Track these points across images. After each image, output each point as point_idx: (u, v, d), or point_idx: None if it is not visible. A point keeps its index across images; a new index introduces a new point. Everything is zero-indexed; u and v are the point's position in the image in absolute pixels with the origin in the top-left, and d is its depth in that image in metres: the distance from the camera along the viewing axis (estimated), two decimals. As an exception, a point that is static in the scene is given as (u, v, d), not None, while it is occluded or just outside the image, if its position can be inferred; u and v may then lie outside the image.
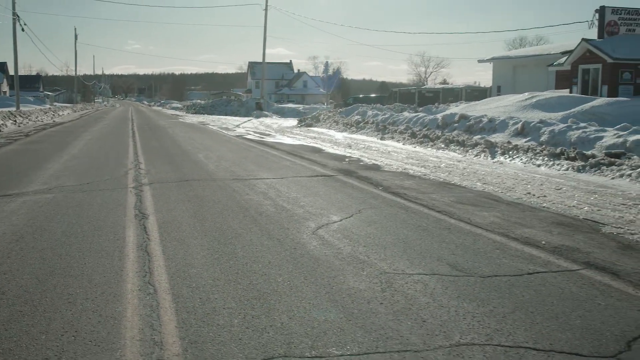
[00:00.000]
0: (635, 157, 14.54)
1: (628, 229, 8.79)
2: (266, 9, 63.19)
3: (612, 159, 14.33)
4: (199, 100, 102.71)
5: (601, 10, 31.77)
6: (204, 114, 63.58)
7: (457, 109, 31.61)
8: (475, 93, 57.50)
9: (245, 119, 51.37)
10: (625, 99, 26.78)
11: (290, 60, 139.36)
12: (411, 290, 5.91)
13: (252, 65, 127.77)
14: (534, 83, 42.17)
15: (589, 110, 24.53)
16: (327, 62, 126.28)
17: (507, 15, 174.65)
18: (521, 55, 52.18)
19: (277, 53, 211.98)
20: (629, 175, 13.17)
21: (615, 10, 31.70)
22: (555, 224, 9.19)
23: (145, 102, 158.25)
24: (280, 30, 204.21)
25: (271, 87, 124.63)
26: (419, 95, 58.17)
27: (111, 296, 5.68)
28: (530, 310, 5.41)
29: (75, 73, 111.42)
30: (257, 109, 61.51)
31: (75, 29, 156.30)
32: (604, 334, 4.91)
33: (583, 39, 31.71)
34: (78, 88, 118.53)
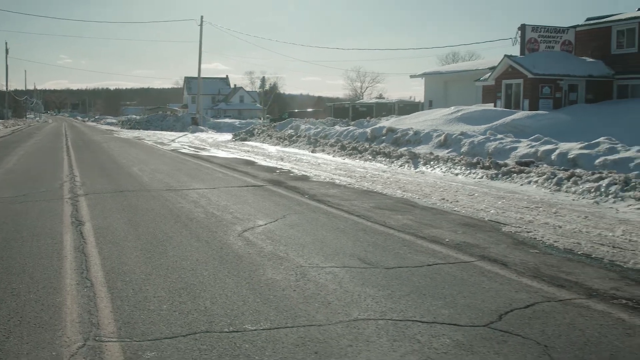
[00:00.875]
0: (543, 165, 15.71)
1: (525, 228, 9.77)
2: (201, 25, 63.71)
3: (522, 167, 15.47)
4: (134, 116, 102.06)
5: (522, 28, 33.35)
6: (139, 129, 63.53)
7: (387, 122, 32.66)
8: (408, 107, 58.91)
9: (181, 133, 51.68)
10: (544, 112, 28.25)
11: (227, 75, 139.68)
12: (322, 279, 6.70)
13: (188, 80, 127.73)
14: (464, 97, 43.56)
15: (510, 123, 25.85)
16: (263, 77, 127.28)
17: (442, 32, 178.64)
18: (452, 70, 53.74)
19: (214, 68, 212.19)
20: (536, 181, 14.30)
21: (535, 28, 33.31)
22: (462, 225, 10.12)
23: (79, 118, 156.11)
24: (216, 46, 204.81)
25: (208, 102, 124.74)
26: (353, 110, 59.38)
27: (52, 289, 6.31)
28: (423, 293, 6.24)
29: (7, 88, 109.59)
30: (193, 124, 61.80)
31: (6, 43, 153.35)
32: (482, 309, 5.77)
33: (505, 56, 33.21)
34: (9, 103, 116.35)
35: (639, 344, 5.01)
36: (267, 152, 26.82)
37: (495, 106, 33.38)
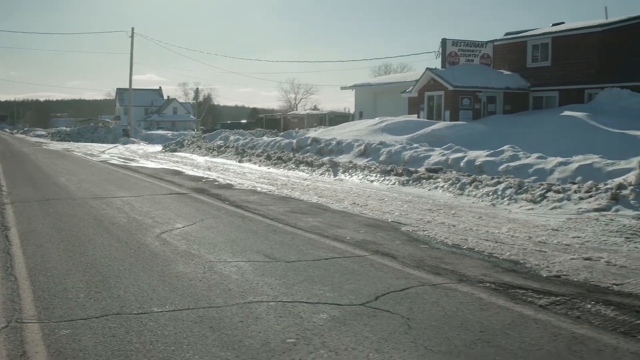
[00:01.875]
0: (452, 171, 16.82)
1: (422, 227, 10.75)
2: (132, 37, 63.71)
3: (431, 174, 16.56)
4: (64, 128, 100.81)
5: (443, 42, 34.74)
6: (69, 141, 63.05)
7: (314, 133, 33.63)
8: (339, 118, 60.07)
9: (112, 145, 51.67)
10: (462, 122, 29.58)
11: (160, 87, 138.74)
12: (227, 272, 7.49)
13: (120, 91, 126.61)
14: (393, 108, 44.72)
15: (430, 133, 27.07)
16: (197, 88, 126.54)
17: (375, 44, 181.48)
18: (381, 82, 55.08)
19: (147, 79, 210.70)
20: (442, 186, 15.38)
21: (456, 43, 34.75)
22: (366, 225, 11.04)
23: (7, 130, 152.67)
24: (150, 57, 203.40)
25: (140, 113, 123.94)
26: (284, 121, 60.33)
27: (-23, 284, 6.94)
28: (314, 281, 7.10)
29: None
30: (124, 135, 61.70)
31: None
32: (363, 293, 6.65)
33: (427, 69, 34.58)
34: None
35: (487, 316, 5.95)
36: (195, 163, 27.41)
37: (418, 117, 34.67)
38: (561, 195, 12.62)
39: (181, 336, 5.26)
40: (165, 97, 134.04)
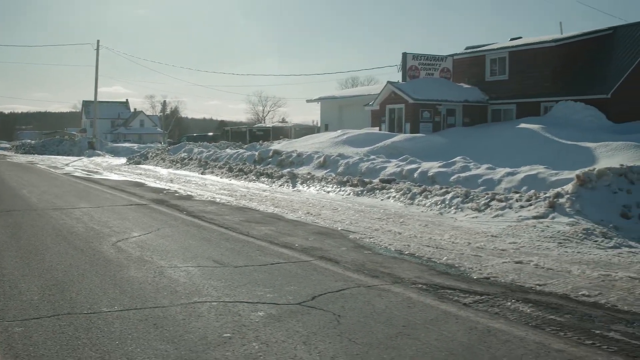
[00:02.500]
0: (406, 182, 17.41)
1: (369, 235, 11.28)
2: (97, 49, 63.78)
3: (384, 184, 17.13)
4: (29, 140, 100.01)
5: (404, 56, 35.50)
6: (34, 153, 62.81)
7: (278, 145, 34.10)
8: (304, 131, 60.42)
9: (77, 158, 51.65)
10: (422, 135, 30.26)
11: (127, 99, 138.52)
12: (176, 276, 7.93)
13: (86, 104, 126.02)
14: (358, 121, 45.26)
15: (390, 145, 27.68)
16: (164, 101, 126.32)
17: (342, 57, 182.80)
18: (346, 95, 55.72)
19: (114, 91, 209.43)
20: (394, 196, 15.96)
21: (416, 57, 35.53)
22: (316, 233, 11.54)
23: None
24: (117, 69, 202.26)
25: (107, 126, 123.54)
26: (250, 134, 60.60)
27: (-64, 288, 7.30)
28: (258, 284, 7.56)
29: None
30: (89, 148, 61.64)
31: None
32: (301, 294, 7.14)
33: (388, 82, 35.29)
34: None
35: (413, 312, 6.47)
36: (158, 175, 27.73)
37: (380, 130, 35.32)
38: (504, 204, 13.24)
39: (126, 332, 5.69)
40: (132, 110, 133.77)
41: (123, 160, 43.80)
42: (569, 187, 12.81)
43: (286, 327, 5.87)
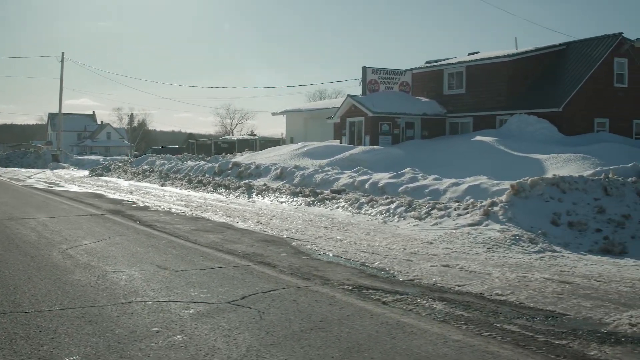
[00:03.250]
0: (352, 192, 18.01)
1: (311, 242, 11.84)
2: (62, 62, 63.79)
3: (334, 195, 17.73)
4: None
5: (364, 70, 36.19)
6: (-2, 166, 62.40)
7: (240, 158, 34.59)
8: (270, 143, 60.98)
9: (40, 170, 51.57)
10: (380, 147, 30.96)
11: (94, 112, 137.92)
12: (118, 279, 8.41)
13: (52, 116, 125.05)
14: (322, 134, 45.84)
15: (349, 157, 28.33)
16: (132, 113, 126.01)
17: (310, 70, 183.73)
18: (310, 108, 56.32)
19: (81, 104, 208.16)
20: (343, 206, 16.55)
21: (375, 70, 36.27)
22: (261, 241, 12.06)
23: None
24: (85, 82, 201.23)
25: (73, 138, 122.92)
26: (215, 146, 61.02)
27: None
28: (194, 286, 8.07)
29: None
30: (54, 160, 61.45)
31: None
32: (233, 294, 7.65)
33: (348, 95, 36.00)
34: None
35: (332, 310, 7.02)
36: (119, 186, 28.05)
37: (341, 142, 35.99)
38: (443, 213, 13.89)
39: (62, 328, 6.17)
40: (99, 122, 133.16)
41: (86, 172, 43.89)
42: (504, 197, 13.49)
43: (211, 322, 6.39)
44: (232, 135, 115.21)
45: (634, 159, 19.52)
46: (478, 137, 29.82)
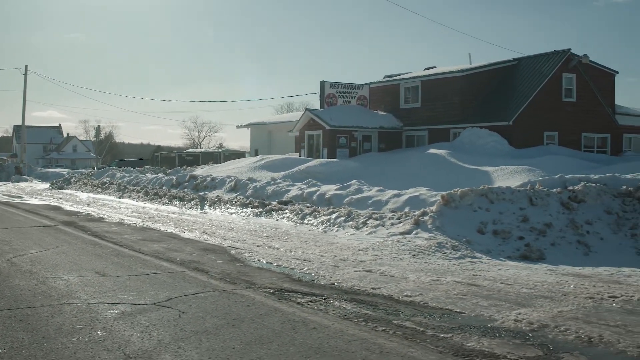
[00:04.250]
0: (299, 203, 18.72)
1: (249, 250, 12.51)
2: (25, 74, 63.80)
3: (281, 206, 18.42)
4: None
5: (322, 85, 36.98)
6: (-40, 179, 62.13)
7: (201, 170, 35.13)
8: (233, 156, 61.41)
9: (3, 183, 51.55)
10: (335, 160, 31.69)
11: (60, 124, 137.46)
12: (55, 284, 9.01)
13: (17, 128, 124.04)
14: (286, 146, 46.40)
15: (305, 169, 28.97)
16: (98, 126, 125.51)
17: (277, 83, 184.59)
18: (275, 121, 56.95)
19: (48, 116, 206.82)
20: (288, 216, 17.25)
21: (333, 85, 37.08)
22: (202, 249, 12.69)
23: None
24: (51, 94, 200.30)
25: (39, 151, 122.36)
26: (179, 159, 61.43)
27: None
28: (126, 289, 8.70)
29: None
30: (16, 173, 61.41)
31: None
32: (160, 296, 8.29)
33: (307, 109, 36.80)
34: None
35: (248, 309, 7.69)
36: (77, 199, 28.47)
37: (300, 155, 36.71)
38: (378, 222, 14.65)
39: (-7, 326, 6.79)
40: (65, 135, 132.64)
41: (48, 185, 44.09)
42: (434, 207, 14.28)
43: (132, 321, 7.03)
44: (200, 147, 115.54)
45: (579, 171, 20.51)
46: (432, 150, 30.67)
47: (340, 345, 6.28)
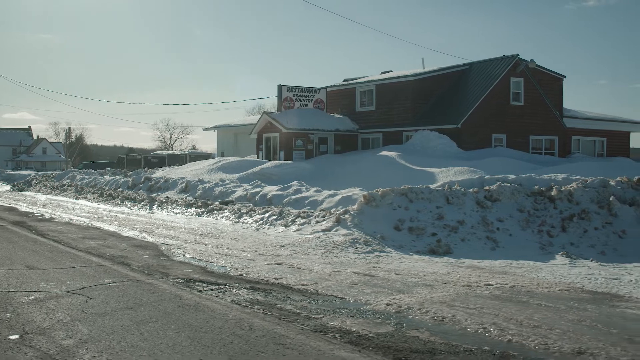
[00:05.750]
0: (239, 203, 19.70)
1: (178, 246, 13.44)
2: (-7, 78, 64.11)
3: (222, 206, 19.38)
4: None
5: (279, 88, 37.96)
6: None
7: (160, 172, 35.88)
8: (200, 158, 62.14)
9: (-33, 185, 51.96)
10: (290, 162, 32.64)
11: (29, 126, 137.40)
12: (-16, 276, 9.90)
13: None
14: (251, 149, 47.03)
15: (260, 171, 29.89)
16: (69, 128, 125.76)
17: (248, 85, 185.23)
18: (239, 124, 57.57)
19: (20, 118, 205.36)
20: (227, 215, 18.20)
21: (290, 88, 38.06)
22: (134, 246, 13.61)
23: None
24: (21, 95, 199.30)
25: (8, 153, 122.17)
26: (145, 161, 62.01)
27: None
28: (48, 280, 9.60)
29: None
30: (-19, 176, 61.70)
31: None
32: (76, 286, 9.21)
33: (264, 112, 37.75)
34: None
35: (151, 296, 8.64)
36: (35, 200, 29.19)
37: (258, 157, 37.65)
38: (304, 220, 15.65)
39: None
40: (35, 137, 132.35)
41: (9, 187, 44.63)
42: (355, 205, 15.31)
43: (41, 305, 7.96)
44: (172, 149, 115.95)
45: (520, 172, 21.69)
46: (383, 152, 31.69)
47: (216, 324, 7.25)
